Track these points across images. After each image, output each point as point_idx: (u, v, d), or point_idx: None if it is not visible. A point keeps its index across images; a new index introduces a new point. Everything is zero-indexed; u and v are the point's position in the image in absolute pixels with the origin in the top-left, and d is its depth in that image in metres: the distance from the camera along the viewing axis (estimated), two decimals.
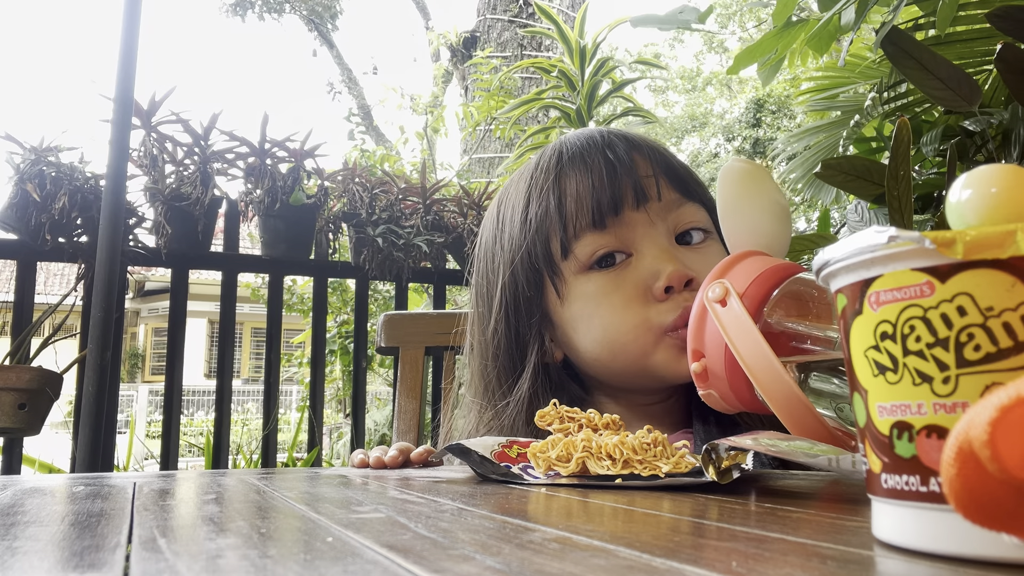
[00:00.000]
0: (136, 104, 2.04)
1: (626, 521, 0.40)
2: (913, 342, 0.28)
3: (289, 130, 4.07)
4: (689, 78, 16.03)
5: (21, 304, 2.10)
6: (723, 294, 0.58)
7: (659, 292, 0.77)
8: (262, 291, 3.61)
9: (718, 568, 0.26)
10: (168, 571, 0.27)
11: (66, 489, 0.56)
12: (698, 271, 0.78)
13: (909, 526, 0.29)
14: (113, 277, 1.83)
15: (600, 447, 0.58)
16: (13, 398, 1.84)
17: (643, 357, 0.79)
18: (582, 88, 3.21)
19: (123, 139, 1.88)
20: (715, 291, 0.58)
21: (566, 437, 0.62)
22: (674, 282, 0.76)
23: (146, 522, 0.39)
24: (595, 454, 0.58)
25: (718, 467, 0.52)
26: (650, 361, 0.79)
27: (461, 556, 0.29)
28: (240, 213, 2.36)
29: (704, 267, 0.77)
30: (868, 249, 0.29)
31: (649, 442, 0.58)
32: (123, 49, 1.86)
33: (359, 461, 0.79)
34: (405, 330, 1.19)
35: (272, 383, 2.41)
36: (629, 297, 0.78)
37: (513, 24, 6.08)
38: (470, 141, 5.91)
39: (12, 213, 2.03)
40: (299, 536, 0.35)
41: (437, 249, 2.52)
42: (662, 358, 0.78)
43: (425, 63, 16.35)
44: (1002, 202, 0.28)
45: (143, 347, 15.03)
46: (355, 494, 0.51)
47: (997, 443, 0.21)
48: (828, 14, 1.35)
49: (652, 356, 0.78)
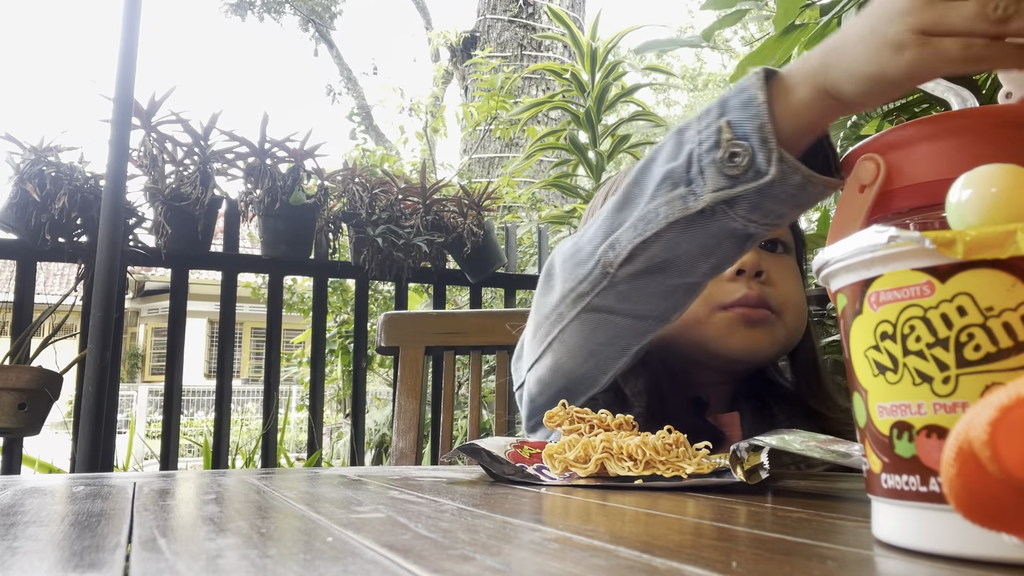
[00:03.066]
0: (136, 104, 2.04)
1: (626, 521, 0.40)
2: (913, 342, 0.28)
3: (289, 130, 4.07)
4: (691, 78, 16.02)
5: (21, 304, 2.10)
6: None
7: (731, 273, 0.81)
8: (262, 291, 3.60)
9: (718, 568, 0.26)
10: (168, 571, 0.27)
11: (66, 489, 0.56)
12: (773, 272, 0.83)
13: (909, 526, 0.29)
14: (113, 277, 1.83)
15: (621, 448, 0.58)
16: (13, 398, 1.84)
17: (695, 325, 0.81)
18: (592, 91, 3.22)
19: (123, 139, 1.88)
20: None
21: (580, 438, 0.61)
22: (747, 267, 0.81)
23: (146, 522, 0.39)
24: (615, 455, 0.58)
25: (744, 467, 0.52)
26: (701, 331, 0.82)
27: (461, 556, 0.29)
28: (240, 213, 2.35)
29: (776, 274, 0.83)
30: (868, 249, 0.29)
31: (671, 442, 0.58)
32: (123, 49, 1.86)
33: None
34: (405, 330, 1.19)
35: (272, 383, 2.41)
36: None
37: (513, 24, 6.08)
38: (470, 141, 5.90)
39: (12, 213, 2.03)
40: (299, 536, 0.35)
41: (437, 249, 2.52)
42: (714, 331, 0.81)
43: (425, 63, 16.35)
44: (1002, 202, 0.28)
45: (143, 347, 15.03)
46: (355, 494, 0.51)
47: (997, 443, 0.21)
48: (827, 17, 1.35)
49: (703, 327, 0.81)
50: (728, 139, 0.55)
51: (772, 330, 0.82)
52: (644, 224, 0.60)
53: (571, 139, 3.22)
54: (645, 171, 0.63)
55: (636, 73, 8.63)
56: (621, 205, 0.64)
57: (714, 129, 0.56)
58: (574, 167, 3.30)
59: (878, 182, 0.48)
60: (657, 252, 0.61)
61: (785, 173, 0.53)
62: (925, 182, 0.47)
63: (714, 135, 0.56)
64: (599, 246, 0.64)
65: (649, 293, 0.65)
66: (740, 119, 0.55)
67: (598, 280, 0.66)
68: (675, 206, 0.58)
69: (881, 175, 0.48)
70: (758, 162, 0.54)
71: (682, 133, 0.60)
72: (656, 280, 0.64)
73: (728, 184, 0.55)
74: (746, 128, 0.54)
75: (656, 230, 0.59)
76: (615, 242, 0.63)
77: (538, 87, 5.70)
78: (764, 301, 0.81)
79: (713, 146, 0.56)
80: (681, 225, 0.58)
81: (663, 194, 0.59)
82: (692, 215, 0.57)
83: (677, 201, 0.58)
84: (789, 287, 0.84)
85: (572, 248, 0.69)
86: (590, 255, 0.66)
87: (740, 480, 0.51)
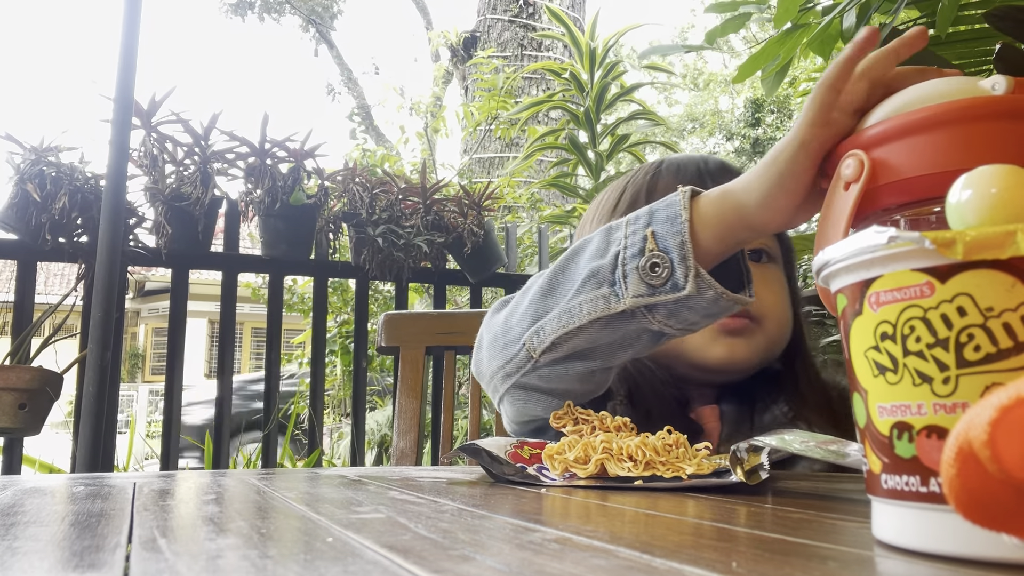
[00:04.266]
0: (136, 104, 2.04)
1: (626, 521, 0.40)
2: (913, 342, 0.28)
3: (289, 130, 4.07)
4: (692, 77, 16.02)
5: (21, 304, 2.10)
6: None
7: None
8: (262, 291, 3.61)
9: (718, 568, 0.26)
10: (168, 571, 0.27)
11: (66, 489, 0.56)
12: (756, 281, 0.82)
13: (909, 526, 0.29)
14: (113, 277, 1.83)
15: (621, 448, 0.58)
16: (13, 398, 1.84)
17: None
18: (591, 90, 3.22)
19: (123, 139, 1.88)
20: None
21: (580, 438, 0.61)
22: None
23: (146, 522, 0.39)
24: (615, 455, 0.58)
25: (744, 468, 0.52)
26: (682, 343, 0.81)
27: (461, 556, 0.29)
28: (240, 213, 2.36)
29: (764, 281, 0.83)
30: (868, 249, 0.29)
31: (671, 443, 0.59)
32: (123, 49, 1.86)
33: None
34: (405, 330, 1.19)
35: (272, 383, 2.41)
36: None
37: (513, 24, 6.08)
38: (470, 141, 5.90)
39: (12, 213, 2.03)
40: (299, 536, 0.35)
41: (437, 249, 2.52)
42: (693, 343, 0.81)
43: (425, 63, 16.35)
44: (1002, 202, 0.28)
45: (143, 347, 15.03)
46: (355, 494, 0.51)
47: (997, 443, 0.21)
48: (828, 17, 1.35)
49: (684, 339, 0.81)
50: (651, 249, 0.60)
51: (752, 339, 0.82)
52: (568, 317, 0.64)
53: (570, 139, 3.22)
54: (573, 261, 0.67)
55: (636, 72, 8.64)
56: (548, 291, 0.67)
57: (640, 236, 0.61)
58: (573, 167, 3.30)
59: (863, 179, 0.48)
60: (579, 343, 0.65)
61: (700, 289, 0.58)
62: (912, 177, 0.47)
63: (640, 242, 0.61)
64: (526, 331, 0.68)
65: (570, 376, 0.69)
66: (664, 232, 0.60)
67: (523, 363, 0.69)
68: (598, 304, 0.62)
69: (866, 172, 0.48)
70: (676, 276, 0.59)
71: (611, 232, 0.64)
72: (576, 365, 0.68)
73: (648, 292, 0.60)
74: (668, 243, 0.59)
75: (578, 324, 0.63)
76: (540, 329, 0.66)
77: (538, 87, 5.70)
78: (744, 310, 0.80)
79: (637, 253, 0.60)
80: (603, 322, 0.63)
81: (588, 291, 0.63)
82: (613, 315, 0.62)
83: (600, 300, 0.62)
84: (771, 297, 0.83)
85: (502, 326, 0.72)
86: (517, 338, 0.69)
87: (740, 480, 0.51)
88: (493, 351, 0.73)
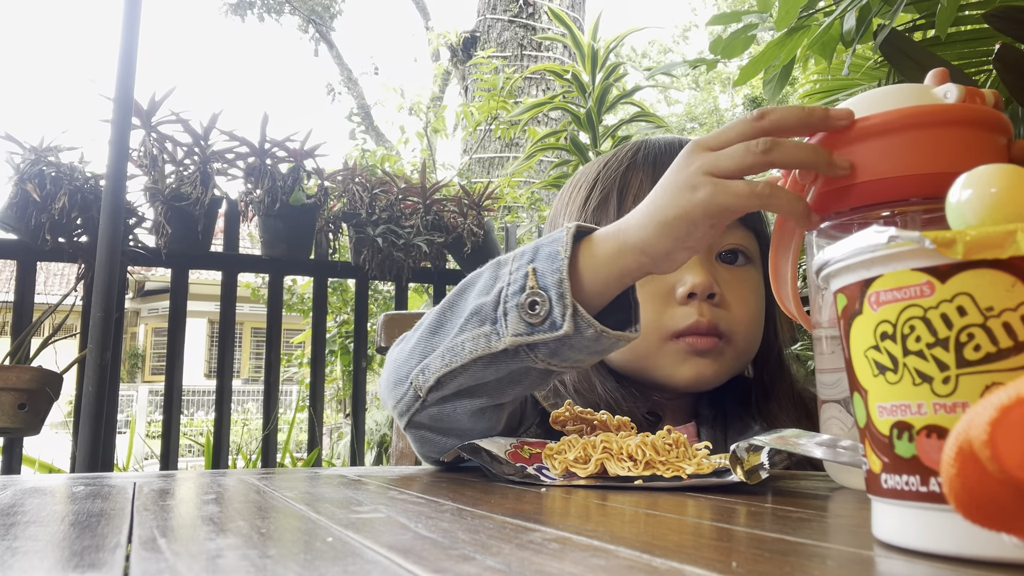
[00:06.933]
0: (136, 104, 2.04)
1: (626, 521, 0.40)
2: (913, 342, 0.28)
3: (289, 130, 4.07)
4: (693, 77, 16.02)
5: (21, 304, 2.10)
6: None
7: (681, 296, 0.78)
8: (262, 291, 3.60)
9: (718, 568, 0.26)
10: (168, 571, 0.27)
11: (66, 489, 0.56)
12: (728, 291, 0.80)
13: (909, 526, 0.29)
14: (113, 277, 1.83)
15: (621, 448, 0.58)
16: (13, 398, 1.84)
17: (644, 358, 0.80)
18: (592, 92, 3.22)
19: (123, 139, 1.88)
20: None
21: (580, 438, 0.61)
22: (698, 290, 0.78)
23: (146, 522, 0.39)
24: (615, 455, 0.58)
25: (744, 467, 0.52)
26: (650, 363, 0.80)
27: (461, 556, 0.29)
28: (240, 213, 2.35)
29: (731, 294, 0.80)
30: (868, 249, 0.29)
31: (671, 443, 0.59)
32: (123, 49, 1.86)
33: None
34: (405, 330, 1.19)
35: (272, 383, 2.41)
36: (652, 294, 0.78)
37: (513, 24, 6.08)
38: (470, 141, 5.90)
39: (12, 213, 2.03)
40: (299, 536, 0.35)
41: (437, 249, 2.52)
42: (663, 362, 0.79)
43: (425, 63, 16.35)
44: (1002, 202, 0.28)
45: (143, 347, 15.03)
46: (355, 494, 0.51)
47: (997, 443, 0.21)
48: (829, 19, 1.35)
49: (653, 358, 0.79)
50: (532, 286, 0.59)
51: (720, 358, 0.79)
52: (451, 355, 0.63)
53: (572, 140, 3.22)
54: (462, 297, 0.65)
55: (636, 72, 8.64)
56: (435, 328, 0.66)
57: (523, 273, 0.60)
58: (574, 168, 3.30)
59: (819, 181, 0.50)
60: (464, 381, 0.64)
61: (579, 327, 0.57)
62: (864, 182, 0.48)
63: (522, 279, 0.60)
64: (413, 368, 0.67)
65: (459, 415, 0.68)
66: (544, 270, 0.59)
67: (412, 401, 0.68)
68: (479, 343, 0.61)
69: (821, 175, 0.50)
70: (554, 315, 0.57)
71: (500, 267, 0.63)
72: (464, 403, 0.67)
73: (527, 331, 0.58)
74: (547, 280, 0.58)
75: (461, 363, 0.62)
76: (425, 368, 0.65)
77: (538, 87, 5.70)
78: (715, 327, 0.78)
79: (519, 290, 0.59)
80: (486, 360, 0.61)
81: (471, 329, 0.62)
82: (496, 353, 0.60)
83: (482, 339, 0.61)
84: (742, 308, 0.80)
85: (394, 364, 0.71)
86: (405, 377, 0.68)
87: (740, 480, 0.51)
88: (387, 389, 0.71)
